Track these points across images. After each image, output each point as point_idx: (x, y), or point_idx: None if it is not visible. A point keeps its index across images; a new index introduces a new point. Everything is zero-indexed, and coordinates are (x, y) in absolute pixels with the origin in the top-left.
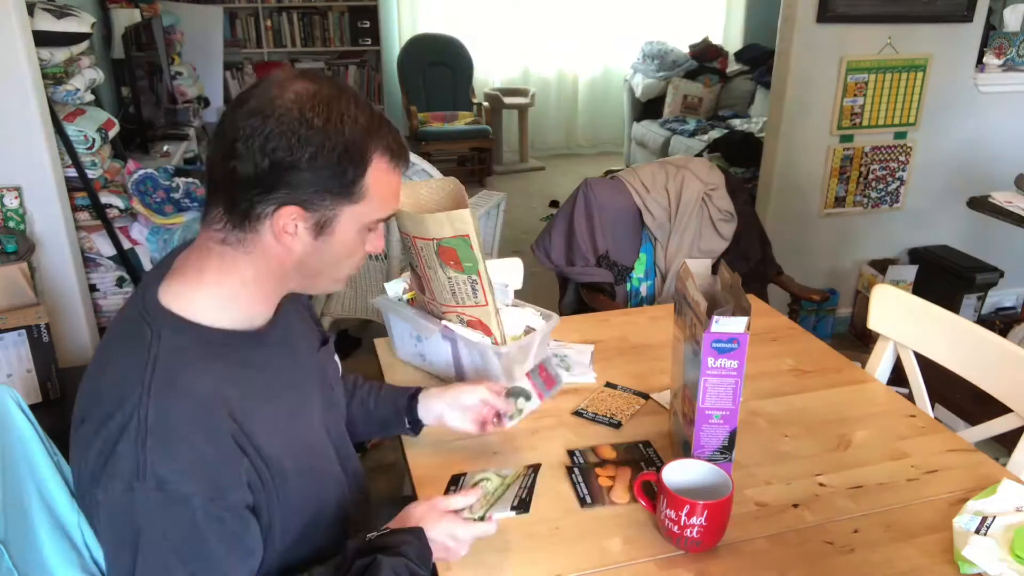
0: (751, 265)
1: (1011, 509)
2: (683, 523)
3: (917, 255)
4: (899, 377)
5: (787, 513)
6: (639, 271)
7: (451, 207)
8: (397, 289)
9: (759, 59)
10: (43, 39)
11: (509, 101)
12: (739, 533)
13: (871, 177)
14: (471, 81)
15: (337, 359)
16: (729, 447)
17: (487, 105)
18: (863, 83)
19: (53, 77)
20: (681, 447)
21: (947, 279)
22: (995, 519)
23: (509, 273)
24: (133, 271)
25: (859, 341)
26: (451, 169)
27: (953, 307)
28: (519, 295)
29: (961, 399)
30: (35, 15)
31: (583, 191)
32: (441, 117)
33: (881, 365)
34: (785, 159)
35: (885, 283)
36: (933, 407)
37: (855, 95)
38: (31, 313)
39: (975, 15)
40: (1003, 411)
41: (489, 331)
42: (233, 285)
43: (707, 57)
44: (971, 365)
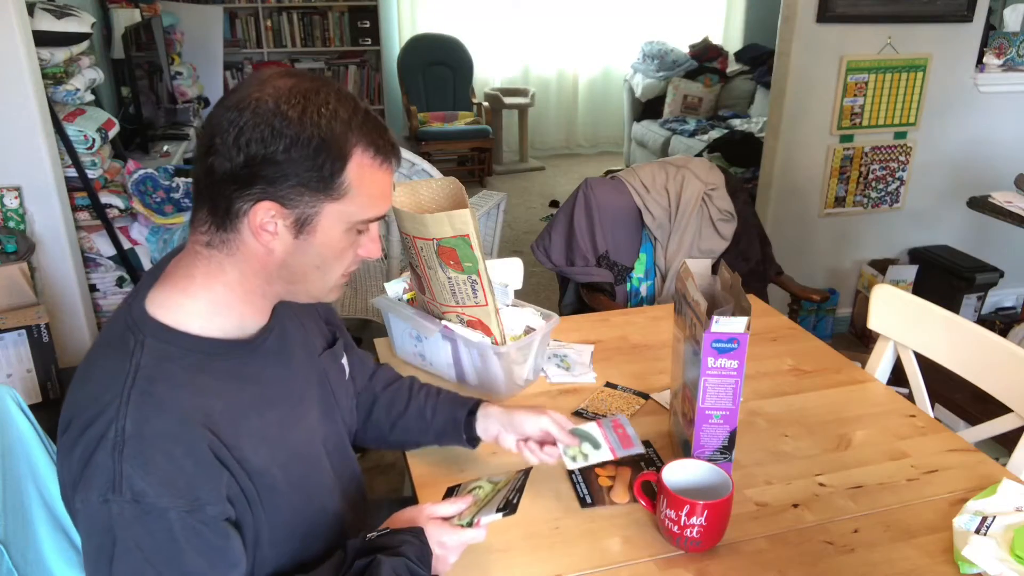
0: (751, 265)
1: (1011, 509)
2: (683, 523)
3: (917, 255)
4: (899, 377)
5: (787, 513)
6: (639, 271)
7: (451, 207)
8: (397, 289)
9: (759, 59)
10: (43, 39)
11: (509, 101)
12: (739, 533)
13: (871, 177)
14: (471, 81)
15: (344, 362)
16: (729, 447)
17: (487, 105)
18: (863, 83)
19: (53, 77)
20: (681, 447)
21: (947, 279)
22: (995, 519)
23: (509, 273)
24: (133, 271)
25: (859, 341)
26: (451, 169)
27: (953, 307)
28: (519, 295)
29: (961, 399)
30: (35, 15)
31: (583, 191)
32: (441, 117)
33: (881, 365)
34: (785, 159)
35: (885, 283)
36: (933, 407)
37: (855, 95)
38: (31, 313)
39: (975, 15)
40: (1003, 411)
41: (489, 331)
42: (220, 291)
43: (707, 57)
44: (971, 365)
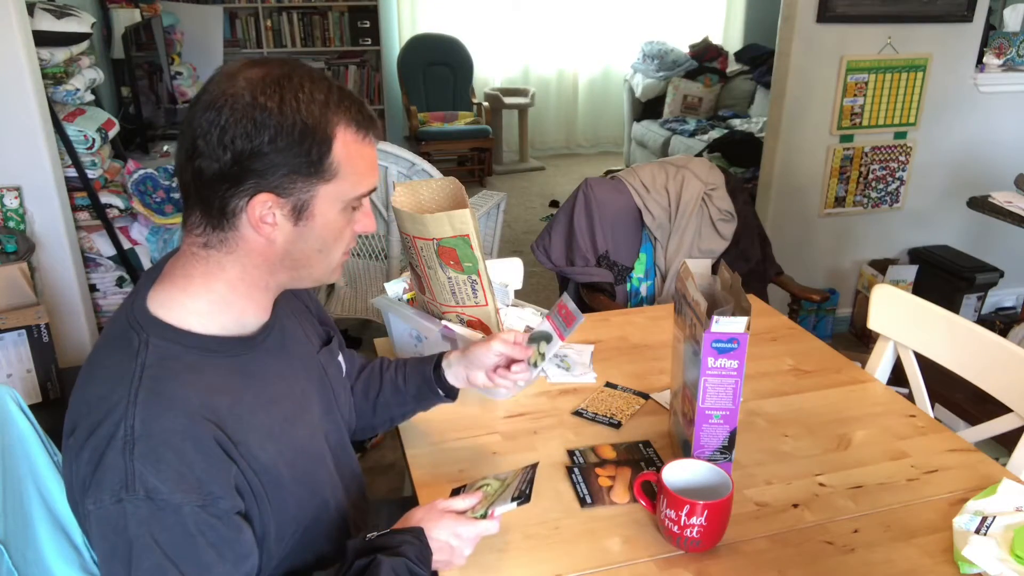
0: (751, 265)
1: (1011, 509)
2: (683, 523)
3: (917, 255)
4: (899, 377)
5: (787, 513)
6: (639, 271)
7: (451, 207)
8: (397, 289)
9: (759, 59)
10: (43, 39)
11: (509, 101)
12: (739, 533)
13: (871, 177)
14: (471, 81)
15: (341, 359)
16: (729, 447)
17: (487, 105)
18: (863, 83)
19: (53, 77)
20: (681, 447)
21: (947, 279)
22: (995, 519)
23: (509, 273)
24: (133, 271)
25: (859, 341)
26: (451, 169)
27: (953, 307)
28: (519, 295)
29: (961, 399)
30: (35, 15)
31: (583, 191)
32: (441, 117)
33: (881, 365)
34: (785, 159)
35: (885, 283)
36: (933, 407)
37: (855, 95)
38: (31, 313)
39: (975, 15)
40: (1003, 411)
41: (489, 331)
42: (221, 289)
43: (707, 57)
44: (971, 365)
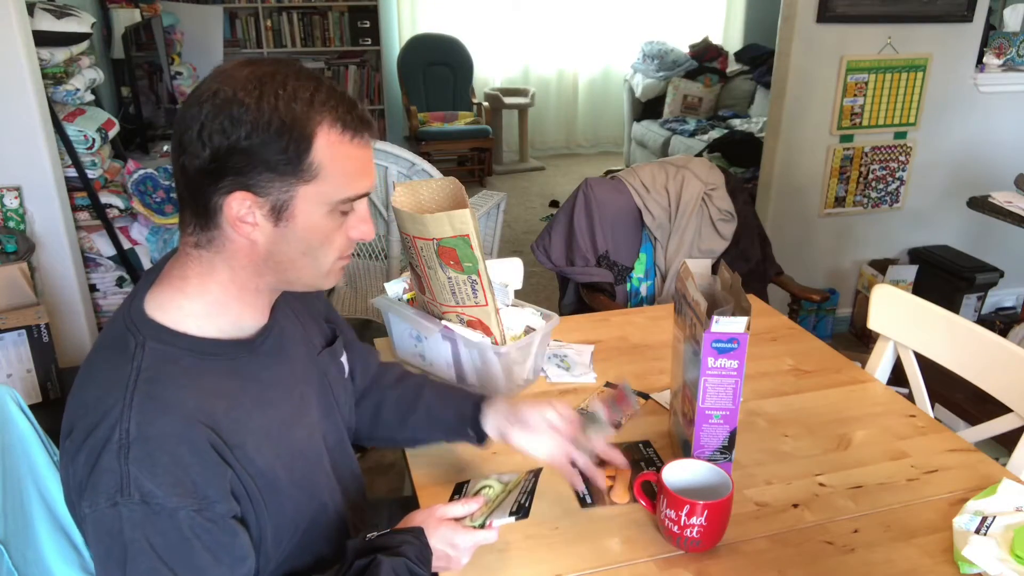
0: (751, 265)
1: (1011, 509)
2: (683, 523)
3: (917, 255)
4: (899, 377)
5: (787, 513)
6: (639, 271)
7: (451, 207)
8: (397, 289)
9: (759, 59)
10: (43, 39)
11: (509, 101)
12: (739, 533)
13: (871, 177)
14: (471, 81)
15: (344, 360)
16: (729, 447)
17: (487, 105)
18: (863, 83)
19: (53, 77)
20: (681, 447)
21: (947, 279)
22: (995, 519)
23: (509, 273)
24: (133, 271)
25: (859, 341)
26: (451, 169)
27: (953, 307)
28: (519, 295)
29: (961, 399)
30: (35, 15)
31: (583, 191)
32: (441, 117)
33: (881, 365)
34: (785, 159)
35: (885, 283)
36: (933, 407)
37: (855, 95)
38: (31, 313)
39: (975, 15)
40: (1003, 411)
41: (489, 331)
42: (215, 291)
43: (707, 57)
44: (971, 365)
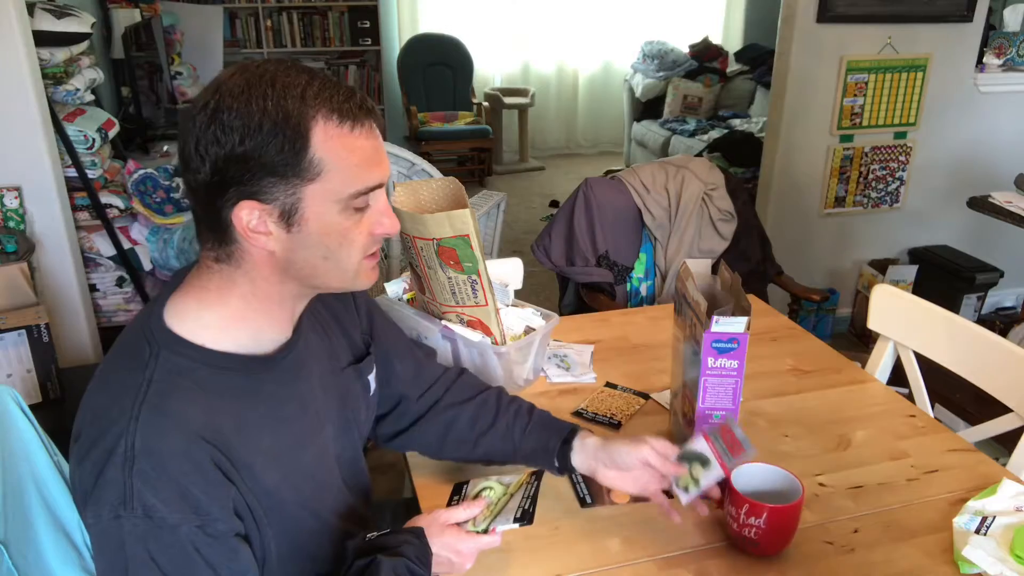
0: (751, 265)
1: (1011, 509)
2: (742, 522)
3: (917, 255)
4: (899, 377)
5: None
6: (639, 271)
7: (451, 207)
8: (397, 289)
9: (759, 59)
10: (43, 39)
11: (509, 101)
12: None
13: (871, 177)
14: (471, 81)
15: (371, 378)
16: None
17: (487, 105)
18: (863, 83)
19: (53, 77)
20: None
21: (947, 279)
22: (995, 519)
23: (509, 273)
24: (133, 271)
25: (859, 341)
26: (451, 169)
27: (953, 307)
28: (519, 295)
29: (961, 399)
30: (35, 15)
31: (583, 191)
32: (441, 117)
33: (881, 365)
34: (785, 159)
35: (885, 283)
36: (933, 407)
37: (855, 95)
38: (31, 313)
39: (975, 15)
40: (1003, 411)
41: (489, 331)
42: (236, 304)
43: (707, 57)
44: (971, 365)
